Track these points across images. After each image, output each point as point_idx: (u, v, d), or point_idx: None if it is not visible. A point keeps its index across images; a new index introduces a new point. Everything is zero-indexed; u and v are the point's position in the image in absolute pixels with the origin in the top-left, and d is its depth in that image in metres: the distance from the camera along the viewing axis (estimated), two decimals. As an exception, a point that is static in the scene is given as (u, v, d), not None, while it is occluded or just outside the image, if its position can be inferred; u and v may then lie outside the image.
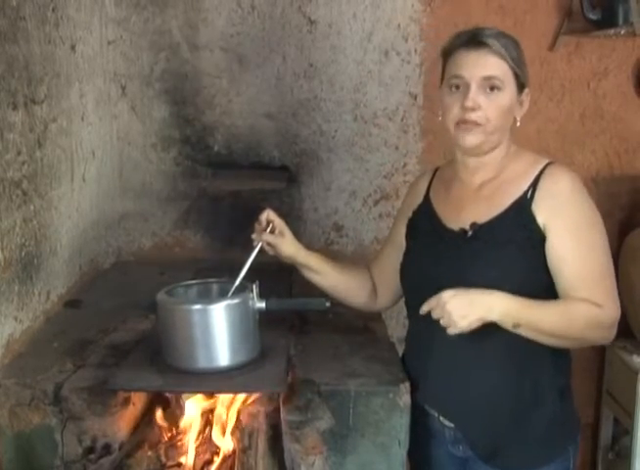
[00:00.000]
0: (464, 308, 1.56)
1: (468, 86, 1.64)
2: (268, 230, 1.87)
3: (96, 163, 2.59)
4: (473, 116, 1.64)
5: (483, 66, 1.64)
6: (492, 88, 1.64)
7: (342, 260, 2.06)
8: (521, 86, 1.69)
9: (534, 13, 2.75)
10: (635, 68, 2.80)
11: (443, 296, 1.57)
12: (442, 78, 1.74)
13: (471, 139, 1.67)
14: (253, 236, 1.88)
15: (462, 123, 1.66)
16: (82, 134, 2.45)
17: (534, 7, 2.75)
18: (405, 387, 1.73)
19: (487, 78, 1.64)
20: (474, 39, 1.65)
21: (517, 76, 1.67)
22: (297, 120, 2.79)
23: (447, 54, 1.72)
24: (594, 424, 3.04)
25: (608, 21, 2.65)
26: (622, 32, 2.67)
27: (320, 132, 2.80)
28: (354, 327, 2.09)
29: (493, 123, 1.65)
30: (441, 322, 1.58)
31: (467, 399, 1.73)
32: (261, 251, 1.87)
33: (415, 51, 2.74)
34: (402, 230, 1.90)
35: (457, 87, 1.67)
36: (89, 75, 2.51)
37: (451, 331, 1.58)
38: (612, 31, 2.67)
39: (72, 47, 2.36)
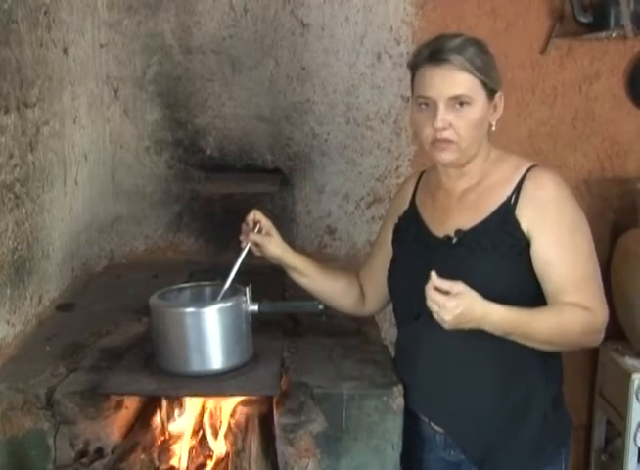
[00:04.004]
0: (464, 314, 1.52)
1: (436, 105, 1.62)
2: (256, 230, 1.87)
3: (88, 166, 2.58)
4: (445, 134, 1.63)
5: (449, 85, 1.61)
6: (461, 104, 1.62)
7: (330, 264, 2.06)
8: (491, 92, 1.66)
9: (526, 16, 2.76)
10: (627, 70, 2.82)
11: (458, 287, 1.52)
12: (413, 91, 1.73)
13: (446, 156, 1.66)
14: (241, 237, 1.88)
15: (436, 142, 1.65)
16: (75, 137, 2.44)
17: (526, 10, 2.75)
18: (399, 389, 1.73)
19: (455, 97, 1.61)
20: (436, 56, 1.62)
21: (485, 85, 1.64)
22: (290, 123, 2.79)
23: (413, 69, 1.71)
24: (587, 426, 3.04)
25: (599, 24, 2.66)
26: (614, 35, 2.68)
27: (313, 135, 2.80)
28: (347, 330, 2.09)
29: (466, 139, 1.64)
30: (434, 308, 1.53)
31: (456, 405, 1.72)
32: (249, 252, 1.87)
33: (407, 54, 2.73)
34: (390, 235, 1.89)
35: (426, 105, 1.65)
36: (81, 78, 2.51)
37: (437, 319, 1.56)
38: (603, 34, 2.68)
39: (65, 50, 2.36)
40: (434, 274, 1.53)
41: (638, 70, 2.80)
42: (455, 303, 1.51)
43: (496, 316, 1.56)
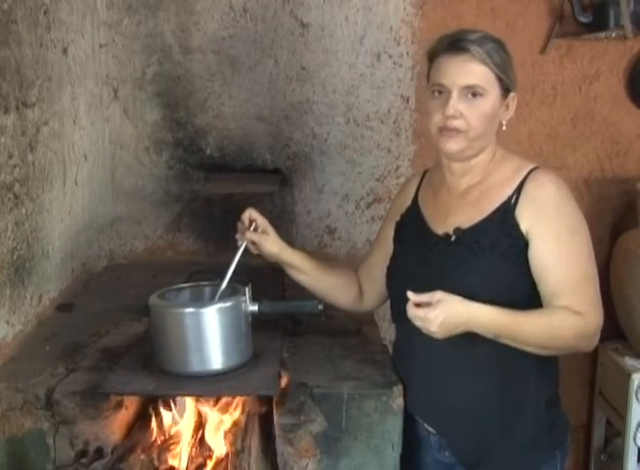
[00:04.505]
0: (447, 320, 1.54)
1: (449, 93, 1.63)
2: (252, 229, 1.87)
3: (88, 166, 2.58)
4: (454, 122, 1.63)
5: (465, 74, 1.63)
6: (474, 95, 1.63)
7: (328, 261, 2.06)
8: (506, 90, 1.67)
9: (526, 16, 2.76)
10: (626, 70, 2.82)
11: (437, 295, 1.54)
12: (428, 80, 1.73)
13: (452, 146, 1.66)
14: (237, 236, 1.89)
15: (444, 130, 1.65)
16: (74, 137, 2.44)
17: (526, 10, 2.76)
18: (398, 389, 1.73)
19: (469, 87, 1.62)
20: (456, 45, 1.64)
21: (501, 81, 1.65)
22: (290, 123, 2.79)
23: (431, 58, 1.71)
24: (587, 426, 3.04)
25: (599, 24, 2.66)
26: (613, 35, 2.68)
27: (312, 135, 2.80)
28: (347, 330, 2.09)
29: (475, 130, 1.64)
30: (418, 323, 1.56)
31: (449, 406, 1.72)
32: (246, 250, 1.87)
33: (407, 54, 2.75)
34: (390, 233, 1.90)
35: (440, 92, 1.66)
36: (81, 79, 2.51)
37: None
38: (603, 34, 2.68)
39: (64, 50, 2.36)
40: (409, 293, 1.56)
41: (638, 70, 2.80)
42: (435, 312, 1.53)
43: (484, 318, 1.57)
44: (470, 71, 1.63)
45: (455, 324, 1.55)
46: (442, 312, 1.53)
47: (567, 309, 1.59)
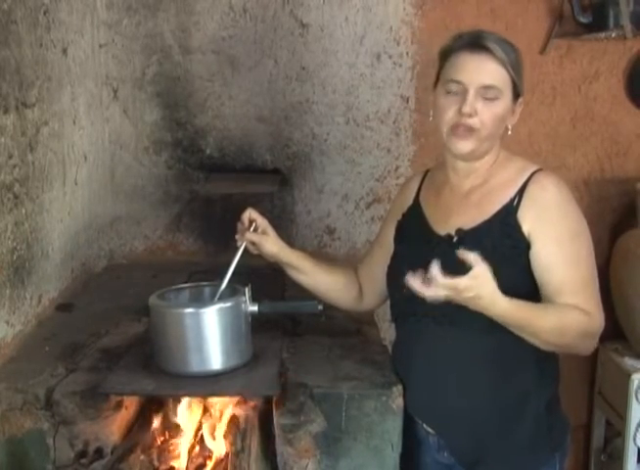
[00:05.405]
0: (473, 300, 1.51)
1: (466, 91, 1.62)
2: (251, 229, 1.87)
3: (88, 166, 2.58)
4: (469, 121, 1.62)
5: (484, 73, 1.62)
6: (490, 96, 1.62)
7: (328, 261, 2.06)
8: (516, 95, 1.68)
9: (525, 16, 2.76)
10: (626, 70, 2.82)
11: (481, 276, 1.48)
12: (437, 79, 1.72)
13: (463, 146, 1.65)
14: (237, 236, 1.88)
15: (456, 128, 1.64)
16: (74, 137, 2.44)
17: (525, 10, 2.76)
18: (398, 390, 1.73)
19: (486, 87, 1.62)
20: (475, 42, 1.63)
21: (514, 85, 1.65)
22: (290, 124, 2.79)
23: (446, 55, 1.70)
24: (586, 426, 3.04)
25: (598, 24, 2.66)
26: (613, 35, 2.68)
27: (312, 135, 2.80)
28: (347, 330, 2.09)
29: (486, 129, 1.64)
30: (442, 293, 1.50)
31: (448, 407, 1.72)
32: (246, 251, 1.87)
33: (407, 54, 2.75)
34: (391, 232, 1.89)
35: (454, 91, 1.65)
36: (81, 79, 2.51)
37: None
38: (602, 35, 2.68)
39: (64, 50, 2.36)
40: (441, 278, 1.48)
41: (637, 71, 2.80)
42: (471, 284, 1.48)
43: (501, 304, 1.53)
44: (489, 71, 1.63)
45: (477, 306, 1.52)
46: (476, 289, 1.48)
47: (576, 307, 1.59)
